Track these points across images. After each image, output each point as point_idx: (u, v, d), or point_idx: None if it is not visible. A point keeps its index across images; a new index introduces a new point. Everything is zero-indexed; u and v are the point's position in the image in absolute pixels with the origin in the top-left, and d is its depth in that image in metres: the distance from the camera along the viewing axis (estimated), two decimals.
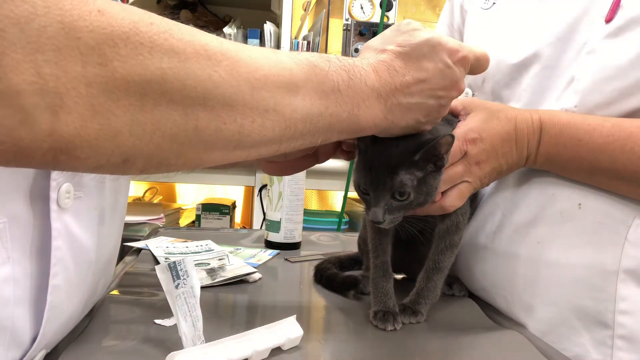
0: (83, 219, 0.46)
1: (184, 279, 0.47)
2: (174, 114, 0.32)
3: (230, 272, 0.73)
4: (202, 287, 0.49)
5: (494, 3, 0.72)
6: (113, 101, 0.29)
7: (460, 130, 0.57)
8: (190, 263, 0.47)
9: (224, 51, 0.35)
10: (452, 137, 0.52)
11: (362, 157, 0.54)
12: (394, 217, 0.53)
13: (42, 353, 0.43)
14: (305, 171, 0.92)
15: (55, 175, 0.41)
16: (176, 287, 0.46)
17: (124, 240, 0.92)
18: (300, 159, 0.61)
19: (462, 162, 0.56)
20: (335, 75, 0.41)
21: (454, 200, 0.57)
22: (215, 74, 0.34)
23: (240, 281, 0.71)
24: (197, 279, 0.47)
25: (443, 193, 0.57)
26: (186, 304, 0.46)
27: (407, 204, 0.53)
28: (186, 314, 0.46)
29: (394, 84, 0.45)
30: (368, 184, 0.53)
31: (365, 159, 0.53)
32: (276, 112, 0.37)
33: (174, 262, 0.47)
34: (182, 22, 0.34)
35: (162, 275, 0.47)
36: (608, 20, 0.55)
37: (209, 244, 0.89)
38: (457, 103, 0.61)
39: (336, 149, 0.61)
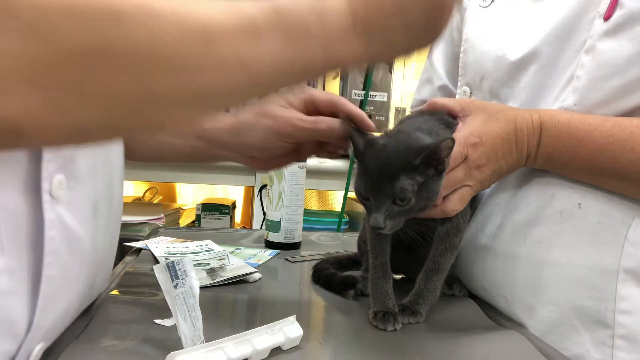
0: (77, 211, 0.46)
1: (183, 278, 0.47)
2: (124, 80, 0.31)
3: (230, 272, 0.73)
4: (202, 287, 0.48)
5: (492, 1, 0.72)
6: (56, 75, 0.28)
7: (461, 134, 0.57)
8: (188, 263, 0.47)
9: (173, 9, 0.32)
10: (453, 140, 0.51)
11: (361, 163, 0.54)
12: (395, 223, 0.53)
13: (41, 346, 0.43)
14: (305, 171, 0.92)
15: (47, 164, 0.41)
16: (175, 287, 0.46)
17: (124, 240, 0.92)
18: (283, 156, 0.62)
19: (462, 167, 0.56)
20: (303, 18, 0.38)
21: (455, 204, 0.57)
22: (165, 33, 0.32)
23: (240, 281, 0.71)
24: (196, 278, 0.47)
25: (444, 197, 0.56)
26: (185, 303, 0.46)
27: (408, 209, 0.52)
28: (185, 314, 0.46)
29: (370, 10, 0.41)
30: (369, 190, 0.53)
31: (365, 165, 0.53)
32: (239, 64, 0.35)
33: (172, 262, 0.47)
34: None
35: (160, 275, 0.47)
36: (606, 17, 0.55)
37: (209, 244, 0.89)
38: (455, 104, 0.61)
39: (319, 148, 0.61)
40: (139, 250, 0.85)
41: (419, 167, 0.52)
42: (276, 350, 0.49)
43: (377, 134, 0.58)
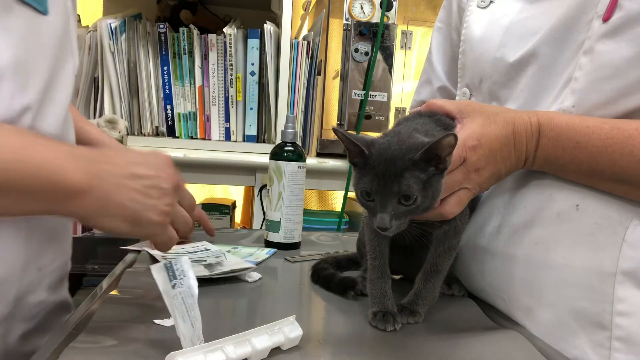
0: None
1: (181, 278, 0.47)
2: None
3: (228, 266, 0.73)
4: (200, 280, 0.48)
5: (491, 2, 0.72)
6: None
7: (459, 136, 0.56)
8: (186, 263, 0.47)
9: None
10: (456, 137, 0.50)
11: (363, 165, 0.54)
12: (400, 223, 0.53)
13: None
14: (305, 171, 0.92)
15: None
16: (173, 287, 0.46)
17: (123, 242, 0.92)
18: None
19: (461, 169, 0.56)
20: None
21: (453, 207, 0.57)
22: None
23: (240, 281, 0.71)
24: (195, 278, 0.47)
25: (442, 200, 0.56)
26: (184, 303, 0.46)
27: (414, 208, 0.52)
28: (184, 314, 0.46)
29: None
30: (374, 189, 0.52)
31: (370, 165, 0.53)
32: None
33: (170, 262, 0.47)
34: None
35: (157, 275, 0.47)
36: (605, 19, 0.55)
37: (205, 244, 0.89)
38: (452, 106, 0.61)
39: None
40: (139, 250, 0.86)
41: (420, 163, 0.51)
42: (276, 350, 0.49)
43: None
